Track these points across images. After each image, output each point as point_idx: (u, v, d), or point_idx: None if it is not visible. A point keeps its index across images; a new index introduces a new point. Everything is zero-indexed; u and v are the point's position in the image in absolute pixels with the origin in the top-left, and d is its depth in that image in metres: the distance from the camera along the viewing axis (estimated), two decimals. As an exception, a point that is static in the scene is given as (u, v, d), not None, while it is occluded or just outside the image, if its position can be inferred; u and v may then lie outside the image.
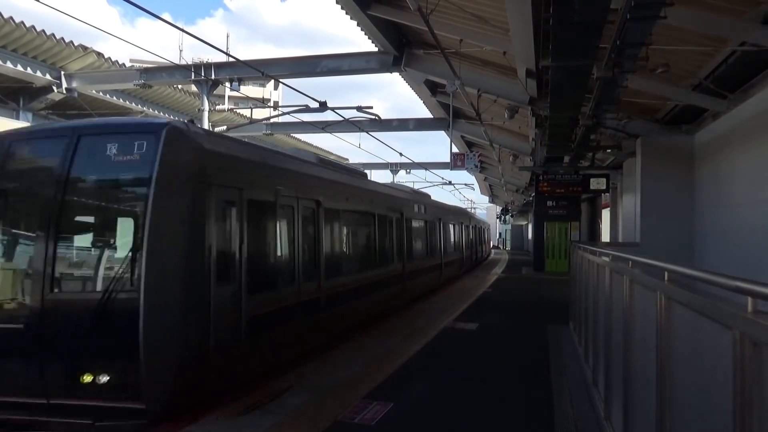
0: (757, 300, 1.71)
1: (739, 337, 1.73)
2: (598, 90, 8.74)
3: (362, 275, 10.07)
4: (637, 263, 3.59)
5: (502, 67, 12.33)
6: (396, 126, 20.76)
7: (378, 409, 5.29)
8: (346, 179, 10.28)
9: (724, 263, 10.25)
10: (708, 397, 2.15)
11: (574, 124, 11.70)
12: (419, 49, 13.26)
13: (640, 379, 3.33)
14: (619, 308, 4.03)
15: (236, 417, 5.01)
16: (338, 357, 7.44)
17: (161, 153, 4.99)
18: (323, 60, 14.30)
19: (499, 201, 52.48)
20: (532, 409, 5.42)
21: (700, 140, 12.19)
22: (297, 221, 7.25)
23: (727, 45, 8.42)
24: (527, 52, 8.91)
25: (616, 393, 4.14)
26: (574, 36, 6.74)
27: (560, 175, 18.50)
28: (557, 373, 6.73)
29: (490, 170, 30.84)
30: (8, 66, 13.04)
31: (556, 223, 23.35)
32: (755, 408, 1.67)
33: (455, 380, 6.40)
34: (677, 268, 2.61)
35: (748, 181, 9.52)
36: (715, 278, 2.03)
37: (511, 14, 7.79)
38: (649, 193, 12.98)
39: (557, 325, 9.98)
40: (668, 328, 2.71)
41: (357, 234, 10.93)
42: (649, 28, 6.37)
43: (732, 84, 9.56)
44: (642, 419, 3.28)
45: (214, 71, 14.77)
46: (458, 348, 8.12)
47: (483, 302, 13.49)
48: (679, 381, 2.56)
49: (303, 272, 7.30)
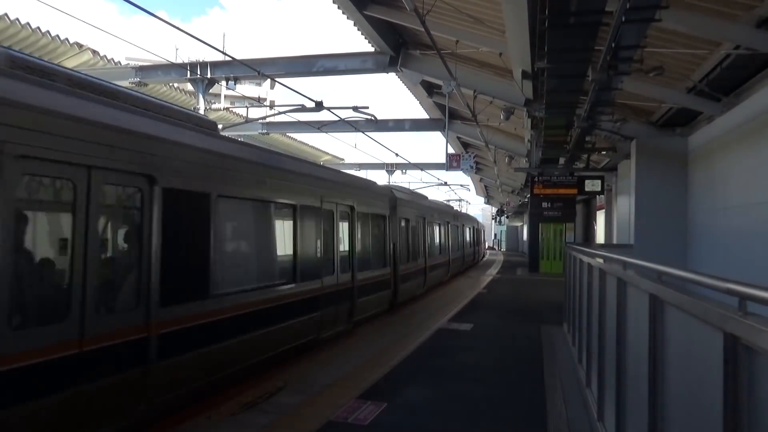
0: (748, 302, 1.72)
1: (730, 339, 1.74)
2: (593, 92, 8.76)
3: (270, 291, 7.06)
4: (629, 265, 3.60)
5: (498, 69, 12.36)
6: (392, 126, 20.76)
7: (371, 409, 5.29)
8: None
9: (716, 265, 10.30)
10: (699, 398, 2.16)
11: (569, 125, 11.74)
12: (415, 50, 13.28)
13: (633, 381, 3.35)
14: (612, 309, 4.04)
15: (229, 416, 5.00)
16: (331, 357, 7.44)
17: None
18: (319, 60, 14.30)
19: (494, 202, 52.58)
20: (526, 410, 5.43)
21: (694, 143, 12.26)
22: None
23: (722, 48, 8.47)
24: (523, 54, 8.94)
25: (609, 394, 4.15)
26: (569, 38, 6.78)
27: (555, 176, 18.55)
28: (551, 374, 6.75)
29: (486, 171, 30.92)
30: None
31: (551, 225, 23.44)
32: (745, 409, 1.68)
33: (449, 381, 6.41)
34: (669, 269, 2.62)
35: (741, 184, 9.57)
36: (707, 280, 2.04)
37: (507, 16, 7.81)
38: (644, 195, 13.04)
39: (551, 326, 10.01)
40: (660, 330, 2.72)
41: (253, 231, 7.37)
42: (644, 30, 6.40)
43: (726, 87, 9.62)
44: (634, 420, 3.29)
45: (210, 70, 14.74)
46: (452, 348, 8.12)
47: (478, 303, 13.51)
48: (670, 382, 2.57)
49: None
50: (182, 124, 5.87)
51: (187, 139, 5.68)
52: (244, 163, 6.71)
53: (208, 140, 6.14)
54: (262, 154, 7.76)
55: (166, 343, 4.96)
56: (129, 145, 4.74)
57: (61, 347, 3.99)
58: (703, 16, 7.59)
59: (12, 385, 3.66)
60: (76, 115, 4.30)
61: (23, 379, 3.73)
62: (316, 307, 8.20)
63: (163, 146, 5.20)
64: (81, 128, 4.28)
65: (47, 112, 4.04)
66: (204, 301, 5.59)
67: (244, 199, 6.70)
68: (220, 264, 5.94)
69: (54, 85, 4.42)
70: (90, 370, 4.19)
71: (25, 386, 3.76)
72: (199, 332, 5.49)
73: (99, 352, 4.28)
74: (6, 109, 3.74)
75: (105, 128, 4.53)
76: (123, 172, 4.66)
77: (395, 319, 10.90)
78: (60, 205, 4.31)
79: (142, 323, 4.77)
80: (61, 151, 4.07)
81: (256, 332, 6.54)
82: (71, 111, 4.28)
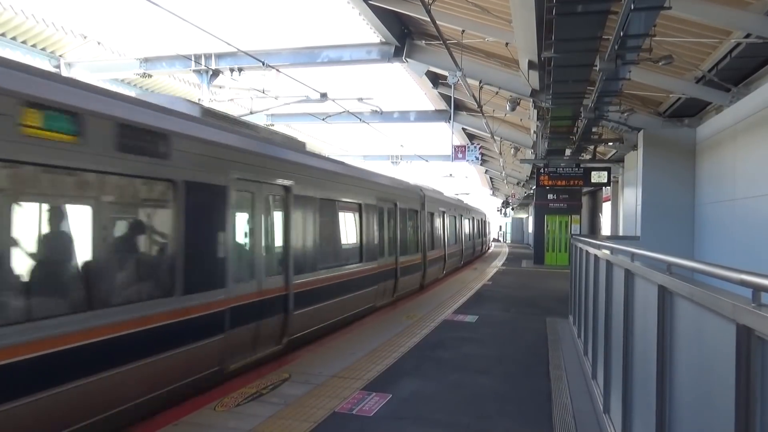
0: (762, 293, 1.68)
1: (743, 331, 1.70)
2: (600, 82, 8.68)
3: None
4: (637, 256, 3.56)
5: (504, 59, 12.25)
6: (397, 117, 20.68)
7: (376, 400, 5.28)
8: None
9: (723, 257, 10.22)
10: (709, 390, 2.12)
11: (575, 116, 11.64)
12: (421, 40, 13.18)
13: (640, 373, 3.31)
14: (618, 301, 4.00)
15: (234, 407, 5.01)
16: (335, 348, 7.43)
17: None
18: (324, 50, 14.22)
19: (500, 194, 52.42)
20: (531, 402, 5.41)
21: (703, 134, 12.13)
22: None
23: (732, 37, 8.35)
24: (529, 43, 8.84)
25: (616, 386, 4.12)
26: (577, 27, 6.69)
27: (561, 168, 18.46)
28: (556, 366, 6.73)
29: (491, 163, 30.79)
30: (8, 54, 12.97)
31: (557, 217, 23.35)
32: (758, 402, 1.64)
33: (454, 372, 6.39)
34: (679, 260, 2.58)
35: (749, 176, 9.47)
36: (719, 271, 1.99)
37: (514, 4, 7.72)
38: (650, 186, 12.95)
39: (556, 319, 9.98)
40: (669, 322, 2.68)
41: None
42: (653, 19, 6.31)
43: (736, 77, 9.50)
44: (641, 412, 3.26)
45: (214, 60, 14.69)
46: (457, 340, 8.10)
47: (483, 295, 13.48)
48: (679, 374, 2.54)
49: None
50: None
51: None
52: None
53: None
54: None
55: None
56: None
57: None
58: (713, 4, 7.48)
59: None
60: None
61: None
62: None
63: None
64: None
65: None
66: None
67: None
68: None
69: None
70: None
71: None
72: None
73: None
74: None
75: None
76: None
77: (398, 311, 10.92)
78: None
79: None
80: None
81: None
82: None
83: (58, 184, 4.19)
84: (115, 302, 4.57)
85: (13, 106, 3.75)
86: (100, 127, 4.43)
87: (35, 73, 4.11)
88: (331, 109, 17.37)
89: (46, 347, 3.89)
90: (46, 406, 3.89)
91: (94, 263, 4.43)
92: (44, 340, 3.88)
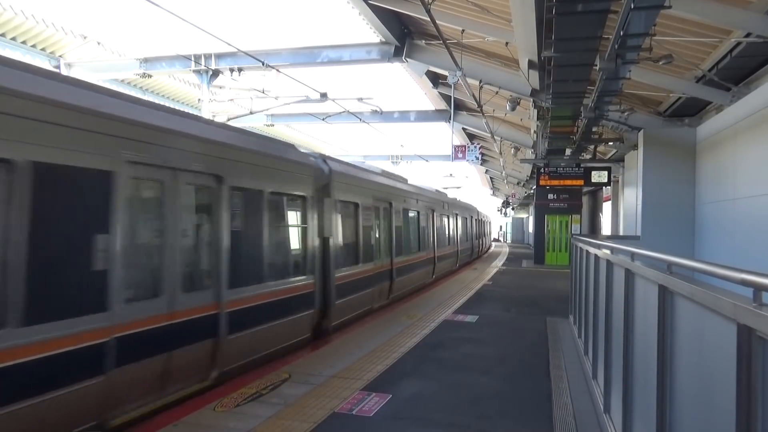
0: (763, 293, 1.67)
1: (744, 331, 1.69)
2: (600, 82, 8.67)
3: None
4: (637, 255, 3.55)
5: (505, 58, 12.24)
6: (397, 117, 20.66)
7: (376, 400, 5.27)
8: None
9: (724, 257, 10.21)
10: (710, 390, 2.11)
11: (576, 116, 11.63)
12: (421, 40, 13.17)
13: (640, 373, 3.30)
14: (619, 301, 3.99)
15: (234, 407, 5.00)
16: (335, 349, 7.43)
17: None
18: (324, 50, 14.21)
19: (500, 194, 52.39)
20: (532, 402, 5.40)
21: (703, 133, 12.12)
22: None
23: (732, 36, 8.34)
24: (529, 43, 8.83)
25: (616, 386, 4.11)
26: (577, 26, 6.68)
27: (562, 167, 18.45)
28: (556, 366, 6.72)
29: (492, 163, 30.78)
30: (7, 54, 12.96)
31: (557, 216, 23.34)
32: (759, 402, 1.63)
33: (454, 372, 6.38)
34: (680, 260, 2.57)
35: (750, 175, 9.45)
36: (720, 270, 1.99)
37: (514, 4, 7.71)
38: (651, 186, 12.94)
39: (557, 318, 9.97)
40: (670, 321, 2.67)
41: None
42: (653, 18, 6.30)
43: (736, 76, 9.49)
44: (642, 412, 3.25)
45: (214, 60, 14.69)
46: (457, 340, 8.09)
47: (483, 295, 13.47)
48: (680, 374, 2.53)
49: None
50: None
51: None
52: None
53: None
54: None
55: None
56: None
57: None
58: (713, 4, 7.47)
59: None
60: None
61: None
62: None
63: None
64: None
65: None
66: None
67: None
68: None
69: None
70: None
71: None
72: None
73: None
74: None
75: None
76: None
77: (398, 311, 10.91)
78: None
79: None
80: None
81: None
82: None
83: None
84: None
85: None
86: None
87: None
88: (331, 109, 17.37)
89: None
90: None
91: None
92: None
